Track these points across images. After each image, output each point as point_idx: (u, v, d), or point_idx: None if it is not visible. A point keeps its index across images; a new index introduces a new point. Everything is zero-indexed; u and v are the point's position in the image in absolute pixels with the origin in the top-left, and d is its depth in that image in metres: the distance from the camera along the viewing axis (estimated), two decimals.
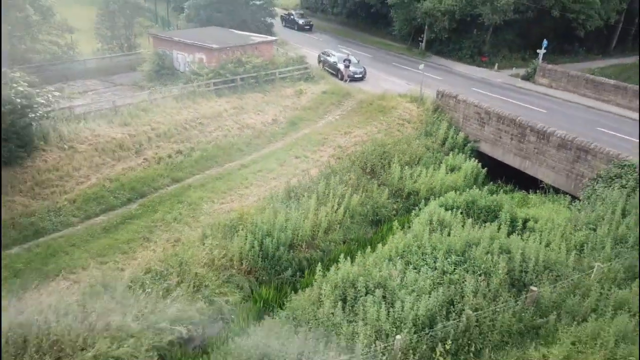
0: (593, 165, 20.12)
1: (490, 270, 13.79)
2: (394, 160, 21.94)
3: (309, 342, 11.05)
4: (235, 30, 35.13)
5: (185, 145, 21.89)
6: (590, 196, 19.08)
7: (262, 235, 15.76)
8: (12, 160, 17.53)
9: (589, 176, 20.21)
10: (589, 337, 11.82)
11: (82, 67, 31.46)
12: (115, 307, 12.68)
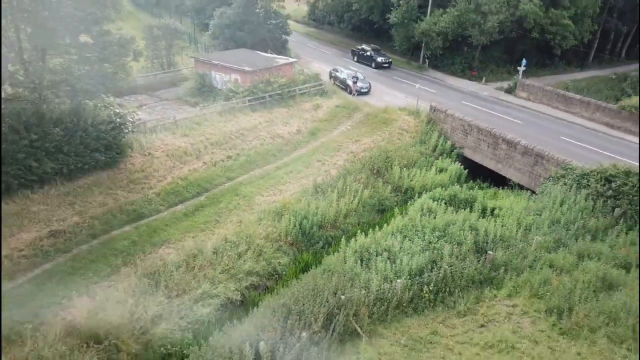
0: (547, 168, 26.33)
1: (462, 241, 20.00)
2: (395, 163, 28.20)
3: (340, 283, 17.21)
4: (261, 53, 41.34)
5: (232, 151, 28.10)
6: (543, 191, 25.31)
7: (300, 218, 21.99)
8: (112, 164, 23.72)
9: (544, 176, 26.42)
10: (523, 283, 18.06)
11: (133, 84, 37.59)
12: (208, 264, 18.92)
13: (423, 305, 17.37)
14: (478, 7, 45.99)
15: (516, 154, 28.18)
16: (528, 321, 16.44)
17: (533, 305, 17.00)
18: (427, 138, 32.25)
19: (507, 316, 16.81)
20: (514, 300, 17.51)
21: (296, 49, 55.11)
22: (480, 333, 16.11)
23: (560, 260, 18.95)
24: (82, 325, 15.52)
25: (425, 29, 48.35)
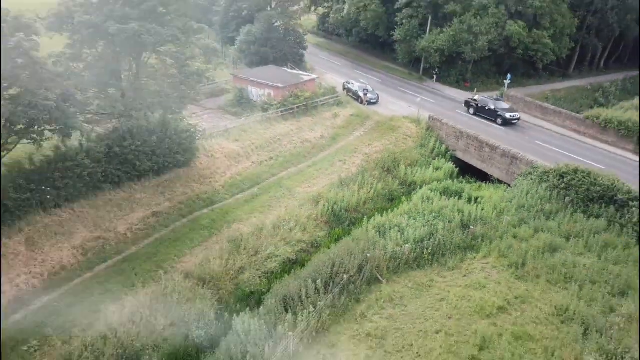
0: (520, 167, 33.90)
1: (451, 219, 27.55)
2: (401, 163, 35.78)
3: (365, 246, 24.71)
4: (288, 70, 48.92)
5: (273, 153, 35.62)
6: (516, 185, 32.88)
7: (332, 204, 29.54)
8: (187, 163, 31.19)
9: (517, 173, 33.98)
10: (494, 248, 25.62)
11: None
12: (270, 235, 26.48)
13: (423, 262, 24.91)
14: (470, 28, 53.51)
15: (497, 156, 35.76)
16: (495, 272, 24.03)
17: (500, 262, 24.59)
18: (426, 142, 39.81)
19: (482, 269, 24.39)
20: (487, 259, 25.10)
21: (310, 60, 62.42)
22: (463, 279, 23.67)
23: (522, 233, 26.57)
24: (195, 272, 23.09)
25: (424, 46, 55.90)
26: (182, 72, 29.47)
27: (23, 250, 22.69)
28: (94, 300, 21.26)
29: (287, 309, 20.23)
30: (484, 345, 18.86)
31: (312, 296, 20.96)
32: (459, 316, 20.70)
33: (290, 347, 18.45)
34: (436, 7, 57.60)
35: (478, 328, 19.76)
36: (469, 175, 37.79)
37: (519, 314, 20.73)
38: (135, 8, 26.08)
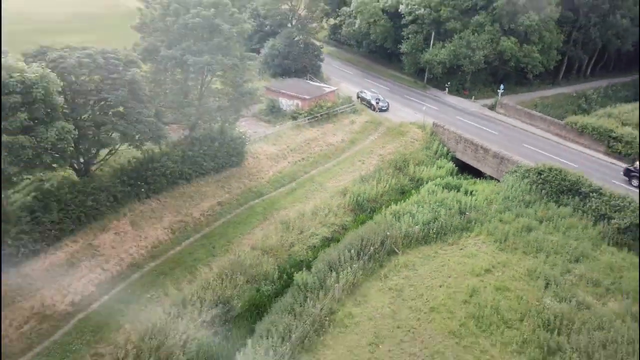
0: (507, 165, 41.45)
1: (451, 207, 35.17)
2: (410, 162, 43.39)
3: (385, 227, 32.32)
4: (311, 82, 56.61)
5: (304, 154, 43.26)
6: (504, 180, 40.47)
7: (356, 196, 37.17)
8: (239, 164, 38.82)
9: (505, 171, 41.54)
10: (484, 229, 33.24)
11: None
12: (310, 219, 34.15)
13: (430, 239, 32.51)
14: (469, 43, 60.95)
15: (489, 157, 43.35)
16: (484, 246, 31.65)
17: (488, 239, 32.20)
18: (430, 145, 47.43)
19: (474, 244, 32.00)
20: (478, 237, 32.70)
21: (325, 70, 69.68)
22: (460, 251, 31.29)
23: (506, 217, 34.19)
24: (258, 245, 30.78)
25: (428, 58, 63.42)
26: (237, 92, 37.08)
27: (130, 230, 30.40)
28: (189, 265, 29.00)
29: (331, 270, 27.88)
30: (473, 293, 26.50)
31: (348, 261, 28.63)
32: (456, 275, 28.35)
33: (336, 294, 26.12)
34: (439, 24, 64.97)
35: (469, 283, 27.42)
36: (466, 172, 45.37)
37: (500, 274, 28.39)
38: (206, 43, 33.65)
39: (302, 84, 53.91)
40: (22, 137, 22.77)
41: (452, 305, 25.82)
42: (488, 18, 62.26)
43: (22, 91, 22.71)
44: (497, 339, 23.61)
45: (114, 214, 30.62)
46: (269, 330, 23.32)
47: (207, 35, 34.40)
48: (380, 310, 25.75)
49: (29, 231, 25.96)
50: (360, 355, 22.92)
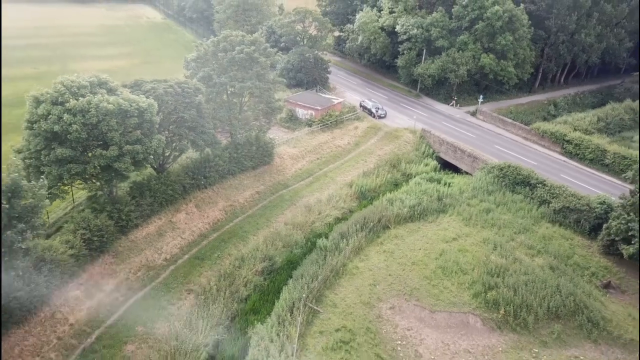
0: (479, 163, 52.78)
1: (432, 195, 46.62)
2: (402, 161, 54.78)
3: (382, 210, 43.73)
4: (322, 95, 67.91)
5: (318, 155, 54.66)
6: (475, 175, 51.83)
7: (360, 187, 48.65)
8: (268, 162, 50.23)
9: (477, 167, 52.87)
10: (456, 211, 44.75)
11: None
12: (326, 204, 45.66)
13: (415, 218, 43.90)
14: (454, 59, 72.17)
15: (465, 156, 54.71)
16: (454, 222, 43.04)
17: (457, 218, 43.60)
18: (419, 147, 58.78)
19: (447, 222, 43.40)
20: (451, 217, 44.10)
21: (331, 80, 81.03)
22: (436, 227, 42.70)
23: (472, 202, 45.58)
24: (289, 222, 42.24)
25: (420, 72, 74.71)
26: (268, 107, 48.46)
27: (196, 211, 41.88)
28: (240, 235, 40.52)
29: (342, 238, 39.31)
30: (442, 253, 37.91)
31: (355, 232, 40.07)
32: (431, 242, 39.78)
33: (346, 254, 37.58)
34: (429, 42, 76.16)
35: (440, 247, 38.85)
36: (447, 169, 56.76)
37: (463, 241, 39.80)
38: (247, 72, 45.01)
39: (315, 97, 65.32)
40: (138, 146, 34.14)
41: (427, 261, 37.27)
42: (471, 38, 73.52)
43: (138, 115, 34.09)
44: (456, 280, 35.08)
45: (184, 200, 42.11)
46: (302, 275, 34.77)
47: (248, 66, 45.81)
48: (377, 265, 37.21)
49: (134, 210, 37.45)
50: (363, 291, 34.37)
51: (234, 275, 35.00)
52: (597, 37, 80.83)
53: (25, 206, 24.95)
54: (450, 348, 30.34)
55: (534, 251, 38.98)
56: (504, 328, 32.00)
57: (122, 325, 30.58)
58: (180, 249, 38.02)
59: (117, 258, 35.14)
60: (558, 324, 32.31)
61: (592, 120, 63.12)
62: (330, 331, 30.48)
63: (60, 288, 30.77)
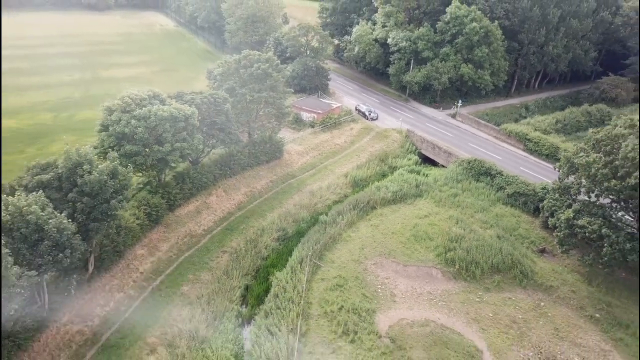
0: (452, 158, 64.00)
1: (411, 183, 57.94)
2: (390, 156, 66.10)
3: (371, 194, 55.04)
4: (323, 100, 79.20)
5: (320, 151, 65.95)
6: (448, 167, 63.10)
7: (354, 177, 60.03)
8: (279, 157, 61.45)
9: (451, 161, 64.07)
10: (430, 196, 56.20)
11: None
12: (326, 190, 57.05)
13: (396, 201, 55.17)
14: (437, 69, 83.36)
15: (441, 152, 65.97)
16: (427, 204, 54.35)
17: (431, 201, 54.91)
18: (404, 144, 70.06)
19: (422, 204, 54.70)
20: (425, 200, 55.39)
21: (331, 85, 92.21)
22: (413, 207, 54.00)
23: (444, 189, 56.91)
24: (297, 204, 53.54)
25: (408, 79, 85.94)
26: (279, 112, 59.70)
27: (224, 195, 53.19)
28: (260, 213, 51.81)
29: (339, 215, 50.57)
30: (415, 226, 49.20)
31: (349, 212, 51.35)
32: (408, 218, 51.07)
33: (341, 227, 48.86)
34: (416, 53, 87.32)
35: (415, 221, 50.14)
36: (427, 163, 68.06)
37: (433, 217, 51.07)
38: (263, 84, 56.24)
39: (317, 102, 76.61)
40: (184, 144, 45.34)
41: (403, 231, 48.58)
42: (452, 50, 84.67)
43: (184, 120, 45.30)
44: (424, 245, 46.39)
45: (214, 186, 53.40)
46: (308, 240, 46.06)
47: (263, 79, 57.06)
48: (365, 234, 48.50)
49: (178, 192, 48.72)
50: (354, 252, 45.61)
51: (257, 241, 46.39)
52: (565, 48, 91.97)
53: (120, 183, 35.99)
54: (417, 291, 41.64)
55: (487, 225, 50.24)
56: (458, 278, 43.30)
57: (178, 274, 41.90)
58: (214, 222, 49.35)
59: (167, 228, 46.48)
60: (498, 276, 43.59)
61: (551, 122, 74.36)
62: (329, 278, 41.82)
63: (131, 247, 42.13)
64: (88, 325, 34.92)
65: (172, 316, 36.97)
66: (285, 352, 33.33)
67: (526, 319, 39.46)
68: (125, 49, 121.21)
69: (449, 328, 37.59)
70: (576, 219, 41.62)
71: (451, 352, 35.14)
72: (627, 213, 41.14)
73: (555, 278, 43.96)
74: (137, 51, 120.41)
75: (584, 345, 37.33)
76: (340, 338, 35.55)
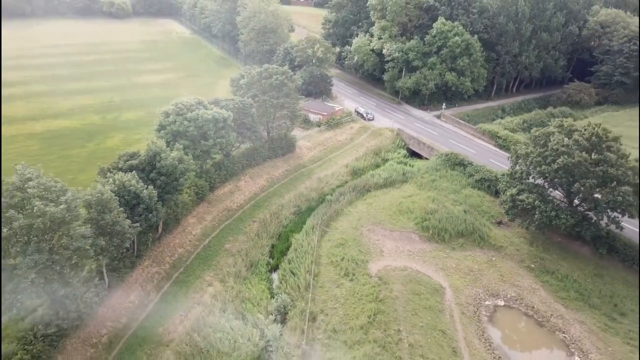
0: (434, 152, 77.99)
1: (399, 171, 72.06)
2: (382, 150, 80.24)
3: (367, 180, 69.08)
4: (327, 103, 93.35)
5: (325, 146, 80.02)
6: (430, 160, 77.13)
7: (353, 167, 74.16)
8: (292, 151, 75.56)
9: (432, 155, 78.05)
10: (414, 181, 70.41)
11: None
12: (330, 177, 71.23)
13: (387, 186, 69.27)
14: (425, 76, 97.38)
15: (425, 147, 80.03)
16: (411, 188, 68.40)
17: (414, 185, 68.99)
18: (395, 141, 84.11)
19: (407, 188, 68.78)
20: (410, 185, 69.47)
21: (334, 90, 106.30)
22: (400, 190, 68.09)
23: (425, 175, 70.99)
24: (308, 187, 67.67)
25: (400, 85, 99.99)
26: (292, 114, 73.74)
27: (250, 180, 67.31)
28: (279, 194, 65.88)
29: (341, 195, 64.64)
30: (401, 203, 63.25)
31: (348, 193, 65.45)
32: (395, 198, 65.12)
33: (343, 204, 62.95)
34: (407, 63, 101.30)
35: (400, 200, 64.19)
36: (413, 156, 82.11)
37: (414, 197, 65.11)
38: (280, 92, 70.26)
39: (322, 105, 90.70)
40: (223, 140, 59.29)
41: (391, 207, 62.65)
42: (438, 60, 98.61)
43: (223, 121, 59.26)
44: (406, 217, 60.44)
45: (242, 173, 67.49)
46: (317, 213, 60.13)
47: (280, 88, 71.11)
48: (361, 210, 62.55)
49: (216, 177, 62.80)
50: (352, 222, 59.62)
51: (278, 214, 60.53)
52: (537, 58, 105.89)
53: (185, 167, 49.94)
54: (399, 249, 55.66)
55: (457, 203, 64.21)
56: (431, 240, 57.32)
57: (221, 236, 55.98)
58: (244, 200, 63.44)
59: (210, 204, 60.55)
60: (462, 239, 57.58)
61: (518, 122, 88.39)
62: (334, 240, 55.88)
63: (185, 217, 56.22)
64: (162, 267, 49.02)
65: (220, 264, 51.10)
66: (304, 285, 47.45)
67: (480, 269, 53.48)
68: (150, 57, 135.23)
69: (421, 272, 51.67)
70: (519, 195, 55.60)
71: (422, 287, 49.19)
72: (555, 190, 55.19)
73: (505, 241, 57.96)
74: (160, 58, 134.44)
75: (520, 285, 51.35)
76: (342, 278, 49.65)
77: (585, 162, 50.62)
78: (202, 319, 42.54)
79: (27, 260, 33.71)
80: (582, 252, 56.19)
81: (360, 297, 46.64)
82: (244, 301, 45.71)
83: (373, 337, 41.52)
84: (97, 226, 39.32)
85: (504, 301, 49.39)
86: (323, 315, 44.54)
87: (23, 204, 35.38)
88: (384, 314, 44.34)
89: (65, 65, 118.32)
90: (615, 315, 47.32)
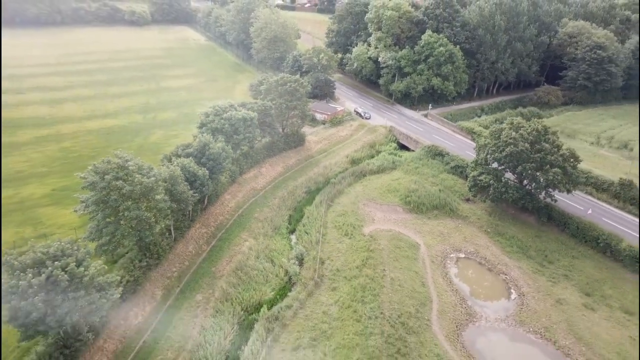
0: (419, 145, 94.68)
1: (389, 160, 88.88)
2: (377, 144, 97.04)
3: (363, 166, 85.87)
4: (331, 104, 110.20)
5: (329, 141, 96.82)
6: (416, 151, 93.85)
7: (352, 157, 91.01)
8: (302, 145, 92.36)
9: (418, 147, 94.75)
10: (401, 168, 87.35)
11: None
12: (334, 166, 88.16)
13: (379, 172, 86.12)
14: (415, 81, 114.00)
15: (412, 141, 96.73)
16: (399, 173, 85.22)
17: (401, 173, 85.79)
18: (388, 136, 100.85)
19: (395, 173, 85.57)
20: (398, 172, 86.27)
21: (336, 93, 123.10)
22: (390, 175, 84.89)
23: (410, 164, 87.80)
24: (317, 173, 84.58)
25: (393, 88, 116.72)
26: (303, 114, 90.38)
27: (270, 168, 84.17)
28: (293, 178, 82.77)
29: (342, 179, 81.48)
30: (389, 185, 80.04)
31: (348, 177, 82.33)
32: (385, 181, 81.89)
33: (343, 186, 79.80)
34: (400, 69, 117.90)
35: (389, 182, 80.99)
36: (402, 149, 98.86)
37: (401, 180, 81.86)
38: (293, 96, 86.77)
39: (326, 106, 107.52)
40: (250, 135, 76.01)
41: (381, 188, 79.45)
42: (425, 67, 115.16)
43: (250, 120, 75.97)
44: (393, 195, 77.23)
45: (263, 162, 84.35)
46: (324, 192, 76.96)
47: (293, 93, 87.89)
48: (358, 190, 79.35)
49: (244, 164, 79.64)
50: (351, 199, 76.41)
51: (294, 193, 77.46)
52: (512, 64, 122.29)
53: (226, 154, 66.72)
54: (387, 218, 72.40)
55: (434, 184, 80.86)
56: (412, 212, 74.08)
57: (251, 209, 72.83)
58: (266, 183, 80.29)
59: (240, 185, 77.41)
60: (436, 211, 74.30)
61: (492, 120, 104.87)
62: (337, 211, 72.74)
63: (222, 194, 73.10)
64: (209, 229, 65.88)
65: (252, 227, 67.99)
66: (315, 241, 64.32)
67: (449, 232, 70.21)
68: (172, 63, 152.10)
69: (403, 233, 68.46)
70: (479, 176, 72.27)
71: (402, 243, 65.95)
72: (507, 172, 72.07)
73: (470, 213, 74.68)
74: (181, 64, 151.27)
75: (478, 244, 68.07)
76: (343, 237, 66.49)
77: (527, 151, 67.26)
78: (243, 261, 59.50)
79: (132, 214, 50.57)
80: (529, 220, 72.89)
81: (356, 249, 63.50)
82: (272, 251, 62.66)
83: (365, 273, 58.35)
84: (170, 194, 56.23)
85: (464, 254, 66.13)
86: (329, 260, 61.38)
87: (125, 177, 52.26)
88: (373, 259, 61.15)
89: (102, 71, 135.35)
90: (545, 263, 64.02)
